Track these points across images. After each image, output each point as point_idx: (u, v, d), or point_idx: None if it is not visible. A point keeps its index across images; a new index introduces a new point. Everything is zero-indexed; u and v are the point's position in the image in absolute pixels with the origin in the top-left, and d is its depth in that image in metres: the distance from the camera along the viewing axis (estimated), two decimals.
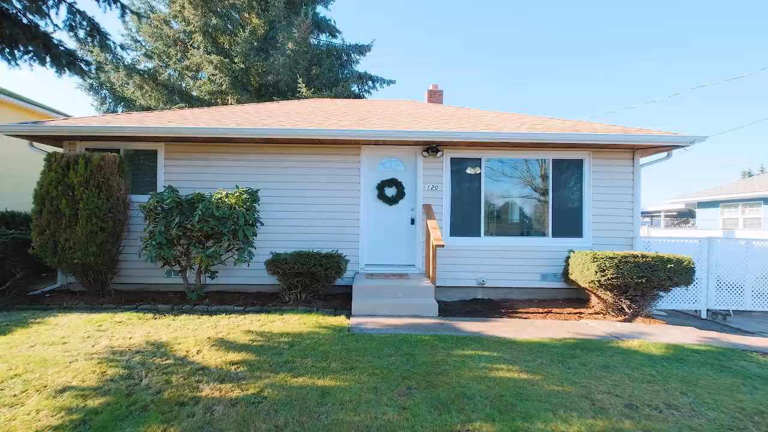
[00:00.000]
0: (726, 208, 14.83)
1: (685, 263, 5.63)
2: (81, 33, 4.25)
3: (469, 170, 7.06)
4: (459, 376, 3.37)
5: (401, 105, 9.81)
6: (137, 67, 17.18)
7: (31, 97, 9.67)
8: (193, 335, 4.36)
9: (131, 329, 4.58)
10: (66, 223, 5.76)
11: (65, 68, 3.93)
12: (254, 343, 4.13)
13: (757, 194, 13.62)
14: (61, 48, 3.88)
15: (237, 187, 6.12)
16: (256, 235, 6.25)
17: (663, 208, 19.83)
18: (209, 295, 6.39)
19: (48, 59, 3.82)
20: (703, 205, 15.91)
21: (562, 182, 7.12)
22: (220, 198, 5.78)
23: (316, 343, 4.15)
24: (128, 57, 17.18)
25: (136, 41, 17.89)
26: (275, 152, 6.89)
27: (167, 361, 3.59)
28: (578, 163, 7.08)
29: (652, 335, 5.00)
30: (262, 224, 6.40)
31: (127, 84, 16.47)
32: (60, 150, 6.78)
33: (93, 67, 4.66)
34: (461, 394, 3.05)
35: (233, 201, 5.80)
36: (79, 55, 4.24)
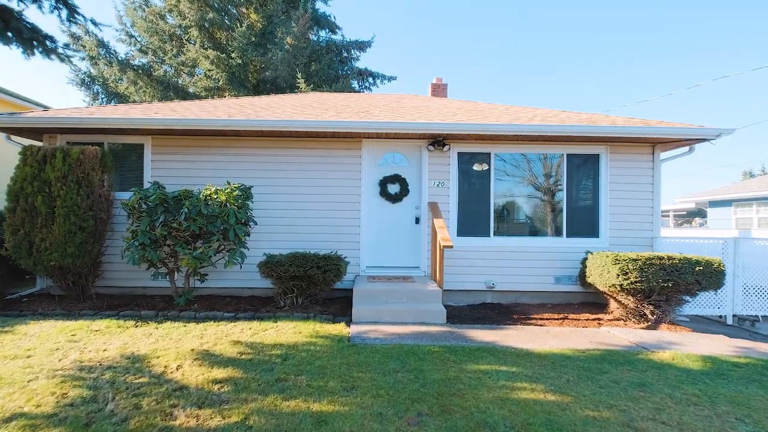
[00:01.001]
0: (739, 207, 14.36)
1: (715, 265, 5.17)
2: (46, 5, 3.79)
3: (478, 166, 6.60)
4: (477, 398, 2.92)
5: (404, 98, 9.35)
6: (132, 62, 16.71)
7: (16, 91, 9.20)
8: (175, 347, 3.91)
9: (107, 339, 4.12)
10: (42, 222, 5.31)
11: (29, 45, 3.49)
12: (242, 357, 3.67)
13: None
14: (23, 22, 3.43)
15: (228, 184, 5.66)
16: (249, 235, 5.79)
17: (672, 207, 19.36)
18: (199, 299, 5.93)
19: (11, 35, 3.37)
20: (714, 204, 15.45)
21: (578, 179, 6.66)
22: (209, 195, 5.32)
23: (313, 357, 3.69)
24: (121, 52, 16.75)
25: (131, 36, 17.42)
26: (270, 146, 6.43)
27: (141, 380, 3.13)
28: (594, 159, 6.63)
29: (681, 345, 4.55)
30: (255, 223, 5.94)
31: (121, 80, 16.00)
32: (41, 144, 6.33)
33: (59, 44, 4.19)
34: (482, 422, 2.59)
35: (224, 198, 5.34)
36: (46, 33, 3.78)
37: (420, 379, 3.24)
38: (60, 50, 3.97)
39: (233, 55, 16.08)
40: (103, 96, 16.01)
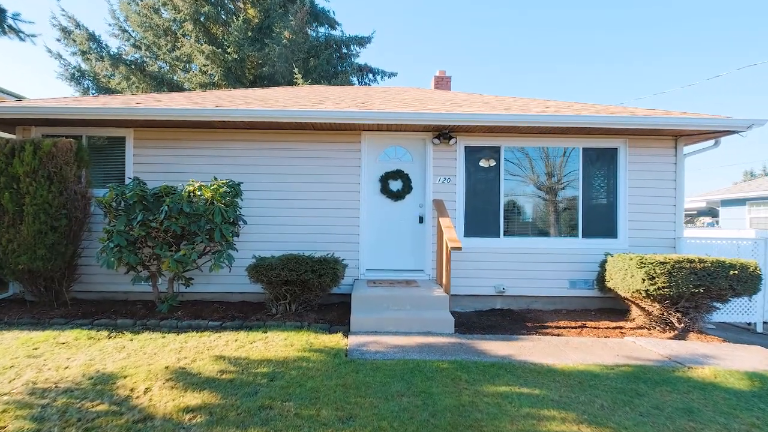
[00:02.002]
0: (753, 206, 13.85)
1: (751, 269, 4.69)
2: None
3: (487, 161, 6.12)
4: None
5: (406, 91, 8.87)
6: (124, 57, 16.22)
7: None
8: (147, 364, 3.42)
9: (72, 354, 3.64)
10: (9, 221, 4.83)
11: None
12: (223, 376, 3.18)
13: None
14: None
15: (215, 179, 5.18)
16: (237, 236, 5.32)
17: None
18: (184, 305, 5.44)
19: None
20: (726, 203, 14.95)
21: (594, 175, 6.18)
22: (193, 191, 4.83)
23: (304, 376, 3.21)
24: (114, 47, 16.25)
25: (124, 31, 16.94)
26: (263, 140, 5.95)
27: (99, 407, 2.65)
28: (612, 153, 6.14)
29: (718, 359, 4.06)
30: (245, 223, 5.46)
31: (113, 75, 15.52)
32: (10, 137, 5.85)
33: (8, 14, 3.72)
34: None
35: (209, 195, 4.85)
36: None
37: (429, 406, 2.75)
38: (10, 21, 3.48)
39: (229, 50, 15.60)
40: (94, 91, 15.53)
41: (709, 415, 2.77)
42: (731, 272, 4.63)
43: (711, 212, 18.03)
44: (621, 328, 5.16)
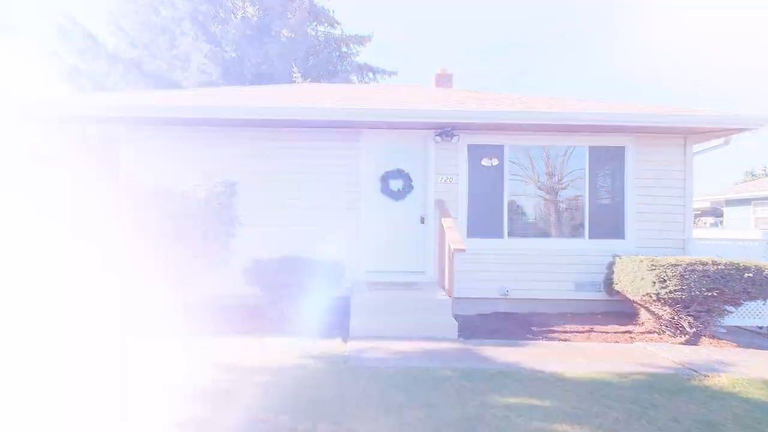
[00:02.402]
0: (759, 206, 13.69)
1: (767, 272, 4.52)
2: None
3: (490, 159, 5.93)
4: None
5: (407, 88, 8.70)
6: (121, 56, 16.07)
7: None
8: None
9: None
10: None
11: None
12: (215, 386, 3.01)
13: None
14: None
15: (210, 179, 5.01)
16: (233, 237, 5.14)
17: None
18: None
19: None
20: (732, 203, 14.80)
21: (601, 174, 6.02)
22: (186, 191, 4.66)
23: (301, 385, 3.04)
24: (111, 45, 16.10)
25: (121, 29, 16.77)
26: (259, 138, 5.77)
27: None
28: (619, 152, 5.96)
29: (734, 366, 3.89)
30: (241, 224, 5.28)
31: (110, 74, 15.36)
32: None
33: None
34: None
35: (203, 195, 4.68)
36: None
37: (432, 419, 2.58)
38: None
39: (227, 48, 15.46)
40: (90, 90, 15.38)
41: (731, 429, 2.60)
42: (746, 275, 4.46)
43: (715, 212, 17.94)
44: (630, 332, 5.00)
